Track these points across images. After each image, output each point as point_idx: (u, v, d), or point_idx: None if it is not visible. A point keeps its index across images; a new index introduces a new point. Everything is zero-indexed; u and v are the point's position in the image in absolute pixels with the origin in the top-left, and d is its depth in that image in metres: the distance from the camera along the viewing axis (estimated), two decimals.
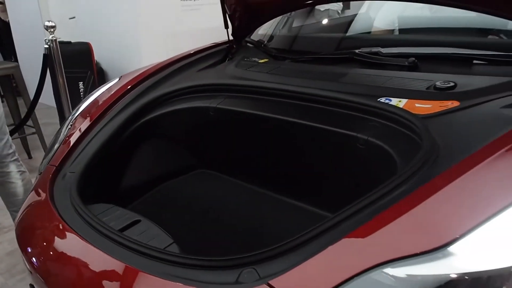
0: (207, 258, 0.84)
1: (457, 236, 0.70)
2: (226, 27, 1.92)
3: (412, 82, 1.28)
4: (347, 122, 1.20)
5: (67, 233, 1.09)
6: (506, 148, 0.86)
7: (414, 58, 1.36)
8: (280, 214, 1.39)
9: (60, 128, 1.67)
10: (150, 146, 1.64)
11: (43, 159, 1.53)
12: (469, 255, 0.69)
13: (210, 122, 1.58)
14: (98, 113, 1.57)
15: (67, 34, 4.84)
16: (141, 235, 1.07)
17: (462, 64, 1.32)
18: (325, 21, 2.86)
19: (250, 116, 1.46)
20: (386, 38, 1.86)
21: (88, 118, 1.58)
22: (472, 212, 0.74)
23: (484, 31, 1.65)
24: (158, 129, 1.63)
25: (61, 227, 1.12)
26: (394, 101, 1.17)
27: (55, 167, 1.37)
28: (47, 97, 3.86)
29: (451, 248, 0.69)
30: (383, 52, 1.47)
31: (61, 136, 1.58)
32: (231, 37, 1.99)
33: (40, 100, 3.34)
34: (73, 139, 1.48)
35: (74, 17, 5.15)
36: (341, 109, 1.24)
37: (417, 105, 1.13)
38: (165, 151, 1.68)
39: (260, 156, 1.53)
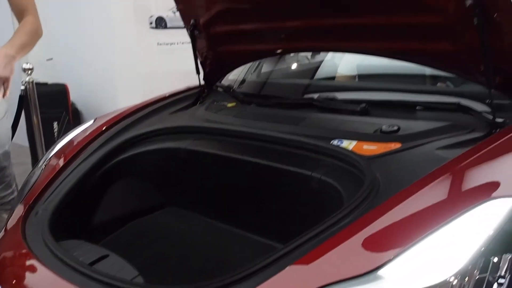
0: (168, 286, 0.92)
1: (389, 259, 0.81)
2: (198, 72, 2.03)
3: (362, 125, 1.42)
4: (303, 162, 1.32)
5: (38, 268, 1.15)
6: (434, 182, 1.00)
7: (365, 104, 1.50)
8: (242, 248, 1.48)
9: (34, 167, 1.74)
10: (122, 185, 1.72)
11: (16, 197, 1.59)
12: (399, 275, 0.80)
13: (180, 162, 1.66)
14: (72, 153, 1.64)
15: (44, 75, 4.91)
16: (109, 268, 1.14)
17: (406, 109, 1.47)
18: (293, 67, 3.04)
19: (216, 157, 1.56)
20: (342, 85, 2.03)
21: (63, 158, 1.65)
22: (402, 237, 0.86)
23: (432, 78, 1.84)
24: (130, 169, 1.70)
25: (32, 263, 1.17)
26: (346, 143, 1.30)
27: (28, 205, 1.43)
28: (20, 136, 3.88)
29: (383, 270, 0.80)
30: (339, 98, 1.62)
31: (35, 175, 1.64)
32: (202, 82, 2.10)
33: (13, 140, 3.36)
34: (46, 178, 1.55)
35: (51, 59, 5.24)
36: (298, 150, 1.36)
37: (364, 146, 1.26)
38: (136, 189, 1.75)
39: (225, 194, 1.63)
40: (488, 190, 0.97)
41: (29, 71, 3.29)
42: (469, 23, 1.17)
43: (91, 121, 1.98)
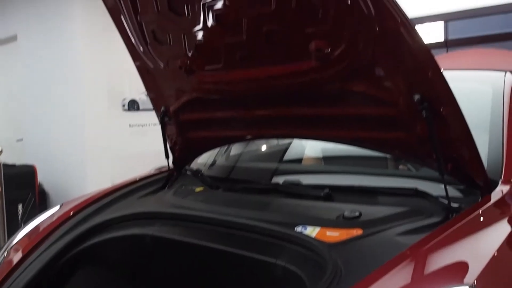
0: None
1: None
2: (167, 157, 2.07)
3: (326, 211, 1.47)
4: (268, 249, 1.33)
5: None
6: (396, 268, 1.04)
7: (328, 190, 1.56)
8: None
9: None
10: (87, 273, 1.68)
11: None
12: None
13: (146, 249, 1.65)
14: (36, 240, 1.62)
15: (13, 155, 4.88)
16: None
17: (368, 194, 1.53)
18: (262, 149, 3.14)
19: (182, 244, 1.56)
20: (308, 169, 2.09)
21: (26, 245, 1.62)
22: None
23: (393, 160, 1.92)
24: (95, 257, 1.68)
25: None
26: (309, 229, 1.33)
27: None
28: None
29: None
30: (303, 183, 1.67)
31: None
32: (171, 166, 2.14)
33: None
34: (8, 266, 1.52)
35: (21, 139, 5.23)
36: (263, 237, 1.38)
37: (328, 233, 1.30)
38: (102, 278, 1.72)
39: (192, 282, 1.61)
40: (446, 277, 1.01)
41: None
42: (418, 116, 1.27)
43: (57, 207, 1.96)
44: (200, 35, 1.54)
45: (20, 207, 4.45)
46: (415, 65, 1.24)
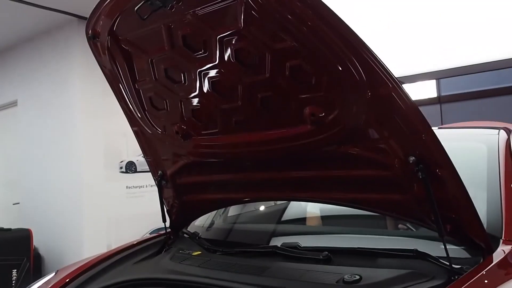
0: None
1: None
2: (164, 220, 2.05)
3: (325, 275, 1.43)
4: None
5: None
6: None
7: (327, 252, 1.53)
8: None
9: None
10: None
11: None
12: None
13: None
14: None
15: (9, 219, 4.82)
16: None
17: (367, 256, 1.50)
18: (260, 210, 3.12)
19: None
20: (307, 230, 2.07)
21: None
22: None
23: (392, 219, 1.90)
24: None
25: None
26: None
27: None
28: None
29: None
30: (302, 246, 1.65)
31: None
32: (168, 229, 2.12)
33: None
34: None
35: (18, 203, 5.19)
36: None
37: None
38: None
39: None
40: None
41: None
42: (414, 177, 1.27)
43: (53, 274, 1.93)
44: (196, 101, 1.58)
45: (14, 272, 4.35)
46: (408, 128, 1.26)
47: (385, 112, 1.26)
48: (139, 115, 1.75)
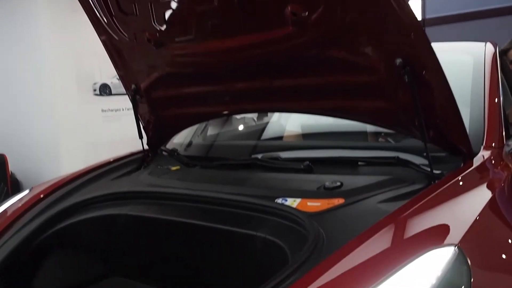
0: None
1: None
2: (141, 137, 2.00)
3: (306, 183, 1.42)
4: (247, 222, 1.29)
5: None
6: (377, 234, 1.01)
7: (308, 162, 1.51)
8: None
9: None
10: (60, 257, 1.61)
11: None
12: None
13: (121, 229, 1.59)
14: (4, 225, 1.54)
15: None
16: None
17: (348, 166, 1.49)
18: (239, 129, 3.08)
19: (158, 221, 1.51)
20: (287, 144, 2.05)
21: None
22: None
23: (373, 134, 1.89)
24: (68, 240, 1.61)
25: None
26: (290, 201, 1.29)
27: None
28: None
29: None
30: (282, 157, 1.62)
31: None
32: (146, 147, 2.07)
33: None
34: None
35: None
36: (242, 211, 1.33)
37: (308, 203, 1.25)
38: (76, 261, 1.65)
39: (170, 260, 1.56)
40: (427, 241, 0.98)
41: None
42: (400, 81, 1.22)
43: (27, 191, 1.88)
44: (167, 4, 1.45)
45: None
46: (397, 27, 1.18)
47: (373, 10, 1.18)
48: (105, 20, 1.61)
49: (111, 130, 4.48)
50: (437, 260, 0.89)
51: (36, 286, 1.52)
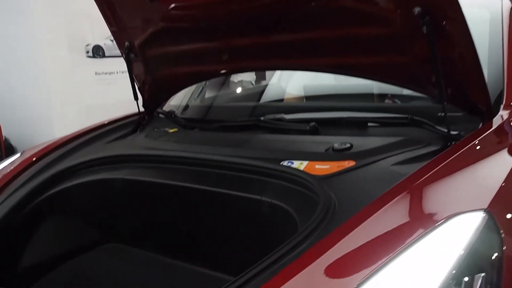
0: None
1: (353, 287, 0.71)
2: (136, 98, 1.90)
3: (313, 145, 1.34)
4: (252, 186, 1.21)
5: None
6: (394, 200, 0.91)
7: (314, 123, 1.42)
8: (191, 284, 1.34)
9: None
10: (53, 222, 1.55)
11: None
12: None
13: (116, 194, 1.52)
14: None
15: None
16: None
17: (358, 126, 1.40)
18: (237, 92, 2.97)
19: (156, 185, 1.43)
20: (290, 105, 1.95)
21: None
22: (366, 263, 0.76)
23: (380, 96, 1.79)
24: (62, 205, 1.54)
25: None
26: (296, 164, 1.20)
27: None
28: None
29: None
30: (286, 118, 1.53)
31: None
32: (142, 109, 1.98)
33: None
34: None
35: None
36: (245, 174, 1.25)
37: (317, 166, 1.17)
38: (70, 227, 1.58)
39: (169, 226, 1.49)
40: (451, 206, 0.89)
41: None
42: (418, 33, 1.12)
43: (18, 154, 1.80)
44: None
45: None
46: None
47: None
48: None
49: (105, 94, 4.37)
50: (464, 226, 0.81)
51: (29, 253, 1.46)
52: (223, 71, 1.88)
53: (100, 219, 1.62)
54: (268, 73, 3.12)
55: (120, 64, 1.93)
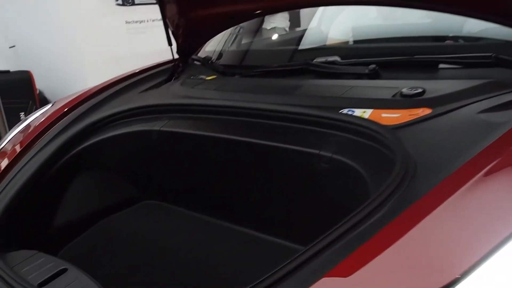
0: None
1: (458, 275, 0.55)
2: (170, 44, 1.76)
3: (375, 90, 1.15)
4: (306, 139, 1.05)
5: None
6: (496, 161, 0.72)
7: (375, 65, 1.24)
8: (238, 249, 1.22)
9: None
10: (86, 178, 1.45)
11: None
12: None
13: (153, 147, 1.41)
14: (26, 142, 1.37)
15: (8, 64, 4.56)
16: None
17: (427, 69, 1.20)
18: (274, 37, 2.76)
19: (196, 138, 1.30)
20: (342, 47, 1.73)
21: (16, 148, 1.38)
22: (472, 245, 0.59)
23: (440, 38, 1.56)
24: (95, 159, 1.44)
25: None
26: (358, 112, 1.04)
27: None
28: None
29: None
30: (341, 61, 1.34)
31: None
32: (176, 55, 1.84)
33: None
34: None
35: (14, 46, 4.88)
36: (297, 124, 1.09)
37: (383, 115, 1.00)
38: (103, 183, 1.49)
39: (211, 182, 1.37)
40: None
41: None
42: None
43: (50, 104, 1.71)
44: None
45: (22, 115, 4.25)
46: None
47: None
48: None
49: (136, 43, 4.23)
50: None
51: (62, 212, 1.37)
52: (257, 12, 1.68)
53: (135, 174, 1.52)
54: (303, 19, 2.89)
55: (151, 12, 1.80)
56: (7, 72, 4.27)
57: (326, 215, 0.82)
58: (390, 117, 0.98)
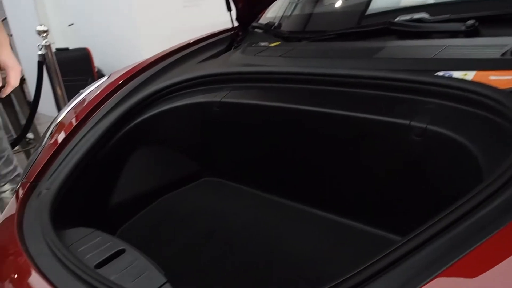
0: None
1: None
2: (229, 9, 1.64)
3: (477, 49, 0.97)
4: (393, 108, 0.90)
5: (29, 272, 0.83)
6: None
7: (474, 21, 1.04)
8: (311, 233, 1.09)
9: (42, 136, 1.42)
10: (144, 153, 1.37)
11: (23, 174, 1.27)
12: None
13: (215, 120, 1.30)
14: (82, 116, 1.30)
15: (67, 41, 4.63)
16: (124, 272, 0.80)
17: None
18: (336, 5, 2.56)
19: (264, 109, 1.17)
20: (429, 3, 1.50)
21: (72, 122, 1.32)
22: None
23: None
24: (152, 132, 1.36)
25: (23, 265, 0.86)
26: (458, 74, 0.87)
27: (29, 183, 1.10)
28: (49, 107, 3.63)
29: None
30: (429, 18, 1.15)
31: (41, 147, 1.31)
32: (235, 23, 1.71)
33: (42, 111, 3.11)
34: (51, 149, 1.22)
35: (72, 24, 4.95)
36: (382, 92, 0.94)
37: (492, 77, 0.83)
38: (162, 158, 1.40)
39: (279, 158, 1.24)
40: None
41: (44, 34, 2.99)
42: None
43: (106, 77, 1.64)
44: None
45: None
46: None
47: None
48: None
49: (192, 17, 4.15)
50: None
51: (119, 189, 1.30)
52: None
53: (196, 149, 1.42)
54: None
55: None
56: (66, 49, 4.36)
57: (425, 199, 0.67)
58: (502, 79, 0.80)
